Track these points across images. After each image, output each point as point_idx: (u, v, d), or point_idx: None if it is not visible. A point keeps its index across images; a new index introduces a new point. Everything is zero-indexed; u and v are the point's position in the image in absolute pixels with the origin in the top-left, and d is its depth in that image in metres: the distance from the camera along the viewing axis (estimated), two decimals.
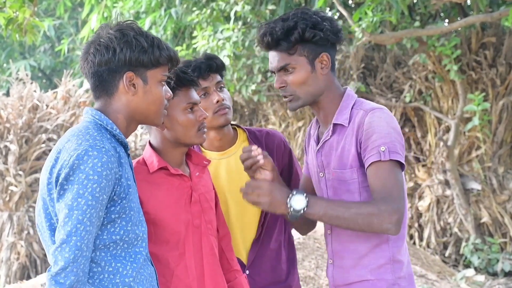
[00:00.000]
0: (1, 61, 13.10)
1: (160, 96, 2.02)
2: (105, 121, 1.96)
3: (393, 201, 2.05)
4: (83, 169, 1.82)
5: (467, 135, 7.48)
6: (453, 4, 7.01)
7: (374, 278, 2.18)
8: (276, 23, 2.21)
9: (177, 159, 2.35)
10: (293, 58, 2.21)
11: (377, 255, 2.18)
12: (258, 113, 9.03)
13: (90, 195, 1.82)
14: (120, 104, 1.98)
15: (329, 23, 2.20)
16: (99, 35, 1.99)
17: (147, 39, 1.97)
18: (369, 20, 5.71)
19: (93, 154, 1.84)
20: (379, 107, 2.19)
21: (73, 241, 1.80)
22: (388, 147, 2.09)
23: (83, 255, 1.81)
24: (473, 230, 7.35)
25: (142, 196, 2.25)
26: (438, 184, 7.64)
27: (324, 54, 2.21)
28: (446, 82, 7.50)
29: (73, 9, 11.83)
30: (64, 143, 1.91)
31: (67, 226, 1.81)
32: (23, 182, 7.70)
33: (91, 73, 1.98)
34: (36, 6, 4.12)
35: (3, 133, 7.97)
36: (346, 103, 2.24)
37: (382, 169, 2.08)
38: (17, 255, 7.61)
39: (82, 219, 1.81)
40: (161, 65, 2.01)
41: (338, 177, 2.23)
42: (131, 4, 7.19)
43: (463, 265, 7.41)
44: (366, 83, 8.16)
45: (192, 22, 6.99)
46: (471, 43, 7.43)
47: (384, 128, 2.12)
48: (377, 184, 2.08)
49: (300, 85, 2.22)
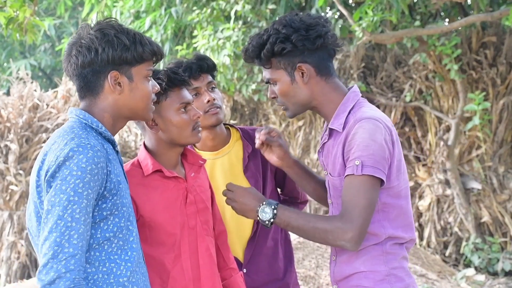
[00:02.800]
0: (2, 60, 13.09)
1: (147, 91, 2.01)
2: (89, 120, 1.95)
3: (351, 219, 2.07)
4: (68, 165, 1.81)
5: (468, 135, 7.47)
6: (453, 3, 7.01)
7: (367, 270, 2.18)
8: (253, 39, 2.25)
9: (173, 160, 2.34)
10: (272, 72, 2.25)
11: (370, 247, 2.19)
12: (259, 113, 9.03)
13: (72, 190, 1.80)
14: (106, 103, 1.97)
15: (303, 32, 2.18)
16: (80, 35, 1.97)
17: (129, 36, 1.96)
18: (369, 20, 5.71)
19: (78, 150, 1.83)
20: (368, 117, 2.12)
21: (52, 237, 1.78)
22: (363, 161, 2.07)
23: (64, 251, 1.77)
24: (474, 229, 7.35)
25: (137, 199, 2.24)
26: (438, 183, 7.64)
27: (301, 64, 2.20)
28: (447, 82, 7.49)
29: (73, 9, 11.83)
30: (51, 145, 1.90)
31: (48, 222, 1.80)
32: (23, 182, 7.70)
33: (75, 75, 1.97)
34: (37, 6, 4.12)
35: (4, 132, 7.97)
36: (344, 106, 2.21)
37: (352, 184, 2.09)
38: (18, 254, 7.61)
39: (62, 215, 1.79)
40: (145, 61, 2.00)
41: (332, 183, 2.24)
42: (131, 3, 7.19)
43: (464, 265, 7.41)
44: (366, 83, 8.16)
45: (192, 21, 6.99)
46: (472, 43, 7.43)
47: (364, 141, 2.08)
48: (344, 199, 2.11)
49: (285, 96, 2.25)
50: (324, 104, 2.24)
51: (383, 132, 2.11)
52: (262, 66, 2.26)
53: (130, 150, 8.55)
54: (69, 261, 1.78)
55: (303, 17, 2.23)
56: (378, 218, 2.17)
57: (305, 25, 2.19)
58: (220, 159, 2.72)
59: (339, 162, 2.17)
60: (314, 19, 2.22)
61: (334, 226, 2.09)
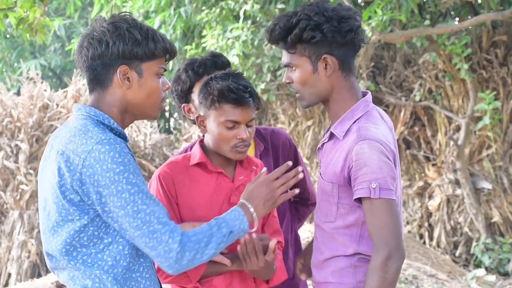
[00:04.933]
0: (12, 61, 13.16)
1: (157, 89, 1.98)
2: (101, 116, 1.93)
3: (385, 244, 2.02)
4: (106, 167, 1.80)
5: (478, 134, 7.44)
6: (463, 2, 6.97)
7: (335, 281, 2.16)
8: (280, 20, 2.15)
9: (222, 161, 2.32)
10: (294, 57, 2.15)
11: (339, 258, 2.16)
12: (268, 112, 9.02)
13: (127, 185, 1.81)
14: (114, 97, 1.95)
15: (336, 22, 2.09)
16: (93, 28, 1.96)
17: (141, 31, 1.93)
18: (378, 19, 5.69)
19: (105, 149, 1.82)
20: (370, 138, 2.06)
21: (146, 230, 1.82)
22: (380, 183, 2.02)
23: (162, 232, 1.82)
24: (484, 229, 7.31)
25: (178, 189, 2.24)
26: (448, 183, 7.61)
27: (326, 55, 2.12)
28: (457, 81, 7.46)
29: (83, 9, 11.87)
30: (66, 145, 1.87)
31: (131, 223, 1.82)
32: (33, 181, 7.74)
33: (86, 67, 1.96)
34: (47, 6, 4.13)
35: (14, 132, 8.01)
36: (352, 114, 2.15)
37: (374, 209, 2.04)
38: (28, 253, 7.65)
39: (137, 210, 1.81)
40: (157, 58, 1.97)
41: (321, 185, 2.20)
42: (141, 3, 7.20)
43: (474, 265, 7.38)
44: (375, 82, 8.14)
45: (201, 21, 6.99)
46: (482, 42, 7.39)
47: (375, 162, 2.02)
48: (371, 228, 2.05)
49: (302, 84, 2.16)
50: (338, 101, 2.17)
51: (387, 153, 2.07)
52: (285, 49, 2.16)
53: (140, 149, 8.57)
54: (175, 237, 1.83)
55: (336, 7, 2.14)
56: (355, 233, 2.13)
57: (338, 16, 2.10)
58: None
59: (334, 171, 2.12)
60: (347, 11, 2.13)
61: (378, 265, 2.02)
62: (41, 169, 2.00)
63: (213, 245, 1.89)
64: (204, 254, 1.88)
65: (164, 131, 11.03)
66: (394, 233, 2.03)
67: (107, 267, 1.87)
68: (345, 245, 2.14)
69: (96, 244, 1.88)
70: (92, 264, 1.87)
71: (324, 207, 2.20)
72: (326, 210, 2.19)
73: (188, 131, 9.14)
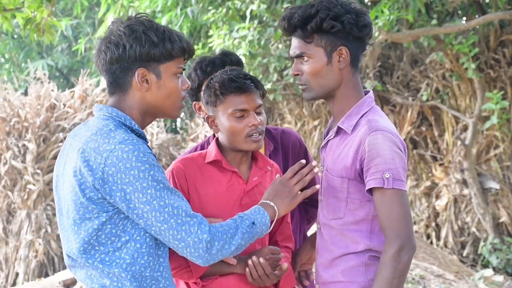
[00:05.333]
0: (20, 61, 13.21)
1: (176, 89, 1.99)
2: (123, 117, 1.94)
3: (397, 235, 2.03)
4: (130, 166, 1.82)
5: (485, 134, 7.41)
6: (471, 1, 6.95)
7: (346, 280, 2.15)
8: (298, 9, 2.15)
9: (237, 159, 2.32)
10: (310, 47, 2.14)
11: (349, 257, 2.15)
12: (274, 112, 9.02)
13: (154, 181, 1.84)
14: (134, 100, 1.97)
15: (354, 16, 2.10)
16: (111, 31, 1.97)
17: (157, 32, 1.94)
18: (385, 18, 5.68)
19: (129, 148, 1.84)
20: (382, 129, 2.08)
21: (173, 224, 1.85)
22: (393, 174, 2.03)
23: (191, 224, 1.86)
24: (492, 229, 7.29)
25: (191, 185, 2.25)
26: (455, 183, 7.58)
27: (342, 47, 2.12)
28: (464, 81, 7.43)
29: (90, 9, 11.90)
30: (87, 143, 1.88)
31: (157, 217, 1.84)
32: (41, 181, 7.77)
33: (105, 70, 1.98)
34: (54, 6, 4.14)
35: (22, 132, 8.04)
36: (358, 109, 2.16)
37: (385, 199, 2.05)
38: (35, 253, 7.67)
39: (163, 204, 1.84)
40: (175, 58, 1.97)
41: (329, 181, 2.19)
42: (147, 3, 7.21)
43: (481, 265, 7.35)
44: (382, 82, 8.12)
45: (208, 21, 7.00)
46: (489, 41, 7.36)
47: (388, 153, 2.04)
48: (382, 218, 2.06)
49: (314, 76, 2.15)
50: (344, 96, 2.18)
51: (399, 145, 2.09)
52: (302, 38, 2.14)
53: None
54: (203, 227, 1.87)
55: (350, 2, 2.17)
56: (366, 228, 2.13)
57: (355, 11, 2.12)
58: None
59: (344, 164, 2.12)
60: (360, 8, 2.16)
61: (391, 256, 2.03)
62: (58, 168, 2.01)
63: (239, 235, 1.92)
64: (232, 244, 1.91)
65: (170, 131, 11.05)
66: (406, 225, 2.04)
67: (125, 265, 1.88)
68: (356, 242, 2.13)
69: (114, 242, 1.89)
70: (110, 263, 1.88)
71: (331, 204, 2.19)
72: (334, 206, 2.18)
73: (195, 131, 9.15)
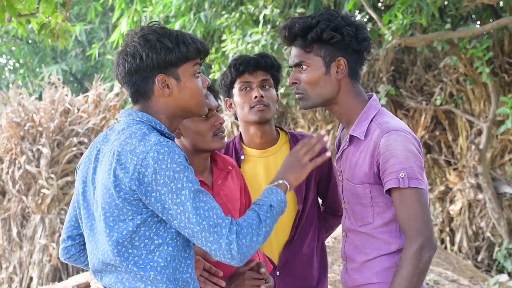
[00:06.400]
0: (34, 66, 13.31)
1: (197, 88, 2.03)
2: (153, 122, 1.98)
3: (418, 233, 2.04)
4: (166, 167, 1.85)
5: (500, 138, 7.36)
6: (485, 5, 6.91)
7: (380, 281, 2.16)
8: (299, 19, 2.21)
9: (200, 165, 2.33)
10: (309, 56, 2.19)
11: (382, 258, 2.17)
12: (287, 116, 9.02)
13: (189, 183, 1.85)
14: (159, 106, 2.00)
15: (354, 29, 2.17)
16: (126, 43, 2.02)
17: (171, 38, 1.98)
18: (399, 23, 5.67)
19: (164, 150, 1.86)
20: (395, 129, 2.12)
21: (206, 225, 1.85)
22: (408, 173, 2.06)
23: (222, 226, 1.86)
24: (506, 234, 7.23)
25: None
26: (470, 188, 7.54)
27: (341, 58, 2.18)
28: (478, 85, 7.39)
29: (103, 14, 11.97)
30: (122, 146, 1.91)
31: (190, 219, 1.85)
32: (55, 185, 7.81)
33: (125, 82, 2.02)
34: (68, 11, 4.17)
35: (36, 136, 8.10)
36: (366, 114, 2.20)
37: (404, 199, 2.07)
38: (49, 257, 7.71)
39: (196, 206, 1.85)
40: (191, 59, 2.01)
41: (351, 189, 2.22)
42: (161, 8, 7.25)
43: (496, 270, 7.29)
44: (396, 86, 8.09)
45: (221, 25, 7.02)
46: (504, 45, 7.32)
47: (401, 153, 2.07)
48: (401, 217, 2.08)
49: (311, 85, 2.20)
50: (347, 106, 2.22)
51: (414, 142, 2.11)
52: (301, 47, 2.20)
53: None
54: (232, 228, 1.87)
55: (352, 16, 2.23)
56: (395, 228, 2.15)
57: (355, 24, 2.19)
58: (265, 158, 2.72)
59: (363, 170, 2.15)
60: (360, 22, 2.22)
61: (412, 254, 2.04)
62: (83, 174, 2.03)
63: (263, 224, 1.93)
64: (259, 235, 1.91)
65: None
66: (426, 223, 2.06)
67: (160, 268, 1.90)
68: (388, 242, 2.16)
69: (147, 245, 1.91)
70: (145, 266, 1.90)
71: (357, 211, 2.21)
72: (362, 213, 2.20)
73: None
